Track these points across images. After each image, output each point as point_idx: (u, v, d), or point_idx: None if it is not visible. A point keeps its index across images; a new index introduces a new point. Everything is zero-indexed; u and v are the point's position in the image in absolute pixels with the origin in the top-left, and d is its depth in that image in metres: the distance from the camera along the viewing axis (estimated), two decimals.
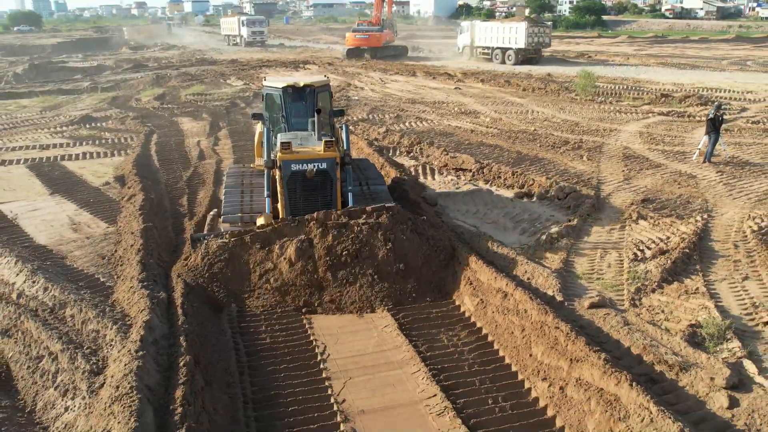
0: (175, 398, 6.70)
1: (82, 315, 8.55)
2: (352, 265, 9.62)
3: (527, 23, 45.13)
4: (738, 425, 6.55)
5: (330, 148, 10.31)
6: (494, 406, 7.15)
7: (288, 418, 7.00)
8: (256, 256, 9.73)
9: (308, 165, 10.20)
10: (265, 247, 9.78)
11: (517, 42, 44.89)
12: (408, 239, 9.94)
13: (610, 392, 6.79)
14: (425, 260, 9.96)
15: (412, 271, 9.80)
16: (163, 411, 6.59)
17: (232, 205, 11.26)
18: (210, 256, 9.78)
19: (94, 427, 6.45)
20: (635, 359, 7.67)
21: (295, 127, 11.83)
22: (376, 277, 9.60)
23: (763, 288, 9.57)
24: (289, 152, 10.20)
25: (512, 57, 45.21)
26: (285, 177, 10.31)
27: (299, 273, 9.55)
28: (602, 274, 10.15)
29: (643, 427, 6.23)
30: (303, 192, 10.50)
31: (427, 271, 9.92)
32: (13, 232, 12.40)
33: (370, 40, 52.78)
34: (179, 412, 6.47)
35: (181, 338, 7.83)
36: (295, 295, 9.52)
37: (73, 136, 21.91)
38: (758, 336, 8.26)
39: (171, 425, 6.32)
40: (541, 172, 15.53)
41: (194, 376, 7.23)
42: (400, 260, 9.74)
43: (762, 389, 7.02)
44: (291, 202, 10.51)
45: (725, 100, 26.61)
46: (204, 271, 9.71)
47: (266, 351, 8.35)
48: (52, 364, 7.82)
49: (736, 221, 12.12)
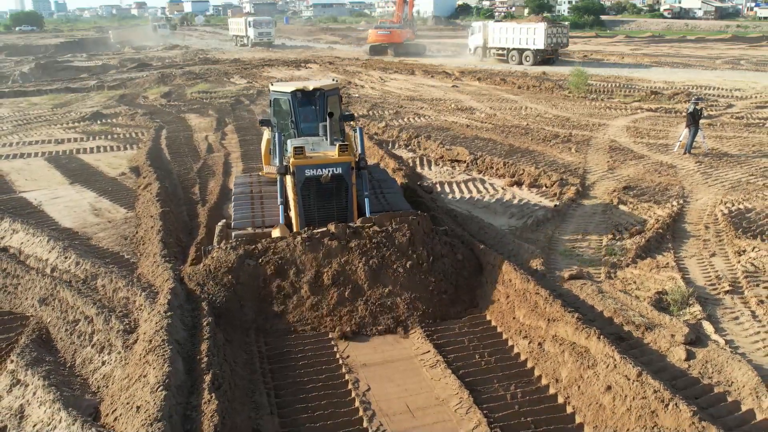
0: (201, 350, 7.68)
1: (112, 285, 9.54)
2: (377, 279, 9.17)
3: (546, 24, 44.65)
4: (693, 374, 7.53)
5: (344, 152, 9.90)
6: (480, 360, 8.13)
7: (299, 369, 7.98)
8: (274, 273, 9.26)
9: (323, 170, 9.78)
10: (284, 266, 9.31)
11: (536, 43, 44.14)
12: (439, 247, 9.73)
13: (581, 345, 7.77)
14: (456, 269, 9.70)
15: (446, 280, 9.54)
16: (191, 361, 7.57)
17: (242, 216, 10.75)
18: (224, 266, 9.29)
19: (131, 374, 7.44)
20: (606, 321, 8.64)
21: (304, 133, 11.48)
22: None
23: (728, 263, 10.55)
24: (303, 157, 9.80)
25: (530, 57, 44.50)
26: (299, 183, 9.86)
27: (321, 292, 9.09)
28: (582, 251, 11.13)
29: (608, 372, 7.19)
30: (317, 199, 10.04)
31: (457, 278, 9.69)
32: (40, 217, 13.36)
33: (392, 37, 54.93)
34: (205, 361, 7.45)
35: (203, 303, 8.81)
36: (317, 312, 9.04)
37: (85, 131, 22.89)
38: (719, 303, 9.23)
39: (198, 371, 7.29)
40: (531, 163, 16.50)
41: (216, 334, 8.22)
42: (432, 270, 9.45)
43: (716, 345, 7.99)
44: (305, 210, 10.05)
45: (713, 97, 27.61)
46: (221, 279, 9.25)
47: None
48: (88, 326, 8.80)
49: (709, 206, 13.10)
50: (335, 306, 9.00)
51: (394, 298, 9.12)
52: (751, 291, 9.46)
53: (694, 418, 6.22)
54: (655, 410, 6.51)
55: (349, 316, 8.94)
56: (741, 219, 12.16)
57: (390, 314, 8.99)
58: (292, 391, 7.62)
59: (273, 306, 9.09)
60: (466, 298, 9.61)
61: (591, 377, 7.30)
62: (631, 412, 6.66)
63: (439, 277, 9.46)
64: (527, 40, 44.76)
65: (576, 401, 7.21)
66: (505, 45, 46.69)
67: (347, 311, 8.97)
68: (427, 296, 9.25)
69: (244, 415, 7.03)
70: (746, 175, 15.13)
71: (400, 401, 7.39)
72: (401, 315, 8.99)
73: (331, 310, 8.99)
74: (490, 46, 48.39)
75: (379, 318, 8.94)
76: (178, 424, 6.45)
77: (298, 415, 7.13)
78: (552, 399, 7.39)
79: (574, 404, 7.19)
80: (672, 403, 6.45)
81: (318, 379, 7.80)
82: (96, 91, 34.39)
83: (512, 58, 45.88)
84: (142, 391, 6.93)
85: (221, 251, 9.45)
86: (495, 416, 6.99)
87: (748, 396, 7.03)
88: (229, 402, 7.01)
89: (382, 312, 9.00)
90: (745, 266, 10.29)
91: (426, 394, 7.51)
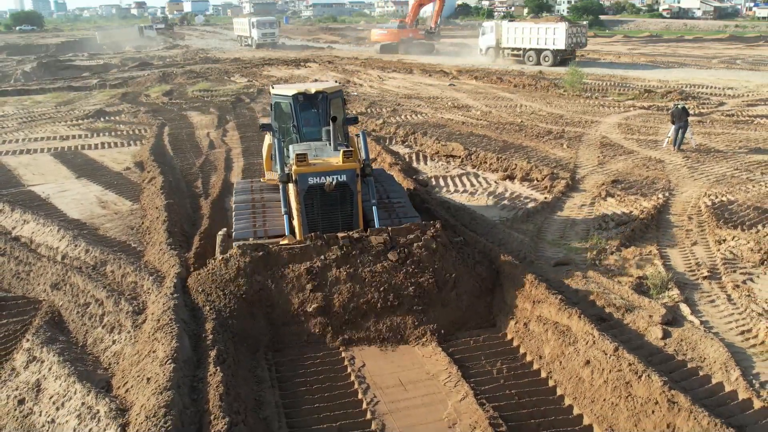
0: (206, 329, 8.17)
1: (121, 270, 10.04)
2: (394, 290, 8.77)
3: (567, 24, 44.16)
4: (668, 351, 8.02)
5: (349, 159, 9.49)
6: (469, 340, 8.63)
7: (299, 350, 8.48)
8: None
9: (326, 178, 9.37)
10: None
11: (555, 43, 43.48)
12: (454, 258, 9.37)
13: (563, 324, 8.27)
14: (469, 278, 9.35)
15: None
16: (197, 339, 8.06)
17: (244, 225, 10.33)
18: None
19: (141, 351, 7.94)
20: (589, 303, 9.13)
21: (307, 137, 11.13)
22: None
23: (708, 251, 11.04)
24: (306, 164, 9.38)
25: (549, 58, 43.87)
26: (302, 192, 9.45)
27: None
28: (570, 240, 11.62)
29: (587, 348, 7.69)
30: (321, 207, 9.62)
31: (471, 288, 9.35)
32: (49, 209, 13.84)
33: (401, 35, 57.82)
34: (210, 338, 7.94)
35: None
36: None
37: (89, 128, 23.38)
38: (697, 287, 9.72)
39: (204, 348, 7.79)
40: (524, 158, 16.99)
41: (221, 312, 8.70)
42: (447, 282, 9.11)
43: (691, 325, 8.48)
44: (308, 219, 9.63)
45: (705, 95, 28.09)
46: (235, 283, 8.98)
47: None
48: (98, 308, 9.30)
49: (693, 198, 13.60)
50: (342, 324, 8.68)
51: (409, 317, 8.72)
52: (728, 276, 9.95)
53: (664, 387, 6.71)
54: (630, 381, 7.00)
55: (359, 333, 8.65)
56: (723, 210, 12.66)
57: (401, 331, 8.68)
58: (291, 367, 8.13)
59: (284, 317, 8.76)
60: (482, 312, 9.30)
61: (572, 353, 7.80)
62: (608, 384, 7.16)
63: (459, 293, 9.10)
64: (546, 40, 44.02)
65: (558, 375, 7.71)
66: (521, 45, 45.85)
67: (358, 329, 8.64)
68: (447, 312, 8.92)
69: (247, 388, 7.53)
70: (731, 170, 15.63)
71: (392, 376, 7.89)
72: (413, 334, 8.65)
73: (339, 327, 8.66)
74: (504, 47, 47.54)
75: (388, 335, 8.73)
76: (186, 394, 6.94)
77: (297, 388, 7.63)
78: (535, 374, 7.90)
79: (556, 378, 7.69)
80: (645, 374, 6.95)
81: (317, 356, 8.30)
82: (98, 90, 34.88)
83: (529, 58, 45.06)
84: (151, 365, 7.43)
85: (228, 258, 9.06)
86: (481, 389, 7.49)
87: (719, 370, 7.53)
88: (233, 376, 7.52)
89: (392, 330, 8.70)
90: (724, 254, 10.78)
91: (417, 370, 8.01)
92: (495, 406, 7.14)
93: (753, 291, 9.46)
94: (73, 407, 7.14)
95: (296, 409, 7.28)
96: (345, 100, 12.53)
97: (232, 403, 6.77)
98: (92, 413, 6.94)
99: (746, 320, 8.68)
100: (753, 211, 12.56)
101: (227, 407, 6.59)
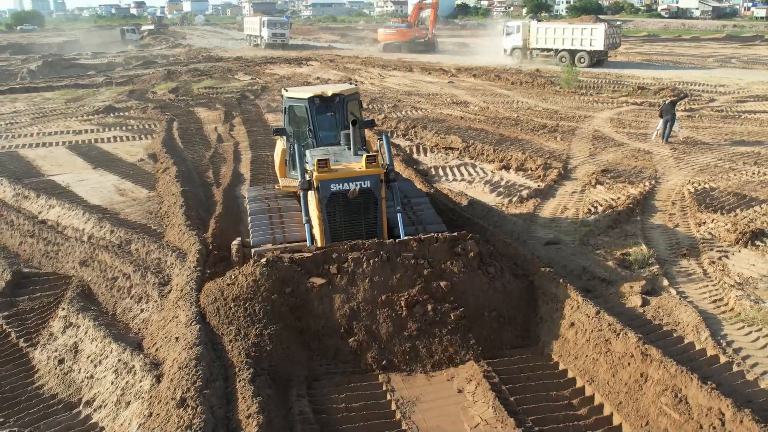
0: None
1: (145, 248, 10.87)
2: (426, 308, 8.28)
3: (606, 24, 43.00)
4: (647, 317, 8.86)
5: (372, 164, 9.07)
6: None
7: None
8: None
9: (350, 184, 8.98)
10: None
11: (593, 44, 42.46)
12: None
13: (551, 293, 9.09)
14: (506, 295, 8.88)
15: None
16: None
17: (262, 234, 9.97)
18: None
19: (166, 316, 8.78)
20: (576, 277, 9.98)
21: (323, 142, 10.70)
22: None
23: (689, 232, 11.88)
24: (327, 171, 8.98)
25: (585, 59, 42.65)
26: (323, 199, 9.04)
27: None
28: (560, 223, 12.45)
29: (571, 312, 8.52)
30: (344, 215, 9.22)
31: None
32: (69, 196, 14.66)
33: (405, 35, 58.58)
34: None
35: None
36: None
37: (100, 123, 24.19)
38: (675, 263, 10.57)
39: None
40: (520, 150, 17.83)
41: None
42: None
43: (668, 294, 9.33)
44: (331, 228, 9.21)
45: (697, 92, 28.94)
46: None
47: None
48: (126, 281, 10.13)
49: (677, 186, 14.44)
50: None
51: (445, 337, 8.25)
52: (706, 254, 10.80)
53: (638, 342, 7.54)
54: (609, 339, 7.83)
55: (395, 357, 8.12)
56: (705, 196, 13.51)
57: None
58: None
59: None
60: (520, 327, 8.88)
61: (558, 317, 8.62)
62: (590, 342, 7.99)
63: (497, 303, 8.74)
64: (582, 41, 43.09)
65: (545, 337, 8.54)
66: (552, 46, 44.68)
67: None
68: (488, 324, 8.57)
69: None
70: (715, 160, 16.49)
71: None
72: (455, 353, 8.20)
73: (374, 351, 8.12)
74: (532, 47, 46.54)
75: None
76: (210, 351, 7.78)
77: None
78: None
79: (543, 339, 8.53)
80: (622, 332, 7.78)
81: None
82: (105, 87, 35.68)
83: (562, 59, 43.52)
84: (176, 327, 8.27)
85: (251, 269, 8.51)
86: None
87: (691, 332, 8.38)
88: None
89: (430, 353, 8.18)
90: (703, 234, 11.64)
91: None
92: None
93: (727, 266, 10.32)
94: (110, 364, 7.97)
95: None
96: (362, 103, 12.22)
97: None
98: (128, 368, 7.77)
99: (719, 291, 9.54)
100: (732, 197, 13.42)
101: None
